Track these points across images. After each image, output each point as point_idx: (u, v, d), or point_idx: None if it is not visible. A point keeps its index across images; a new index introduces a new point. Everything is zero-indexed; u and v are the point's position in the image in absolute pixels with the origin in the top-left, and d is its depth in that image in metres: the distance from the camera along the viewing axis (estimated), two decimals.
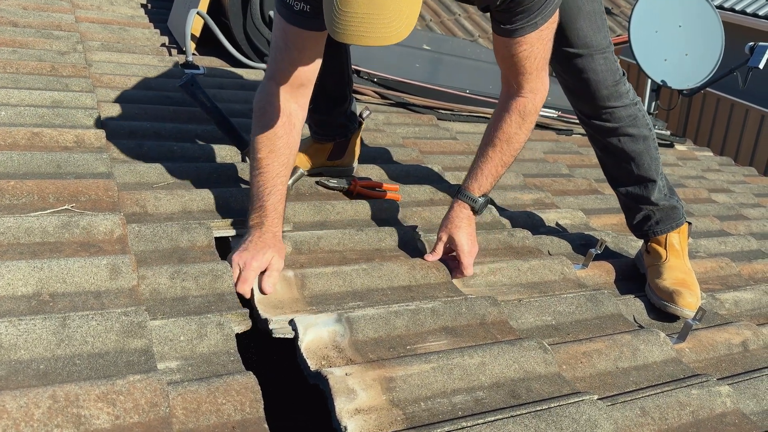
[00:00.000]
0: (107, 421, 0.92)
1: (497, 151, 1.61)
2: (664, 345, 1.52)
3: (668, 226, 1.87)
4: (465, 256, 1.60)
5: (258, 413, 1.05)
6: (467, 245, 1.60)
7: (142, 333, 1.12)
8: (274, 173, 1.50)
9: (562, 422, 1.15)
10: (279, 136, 1.50)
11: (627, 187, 1.90)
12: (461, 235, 1.60)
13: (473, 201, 1.63)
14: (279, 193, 1.50)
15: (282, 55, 1.49)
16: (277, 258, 1.41)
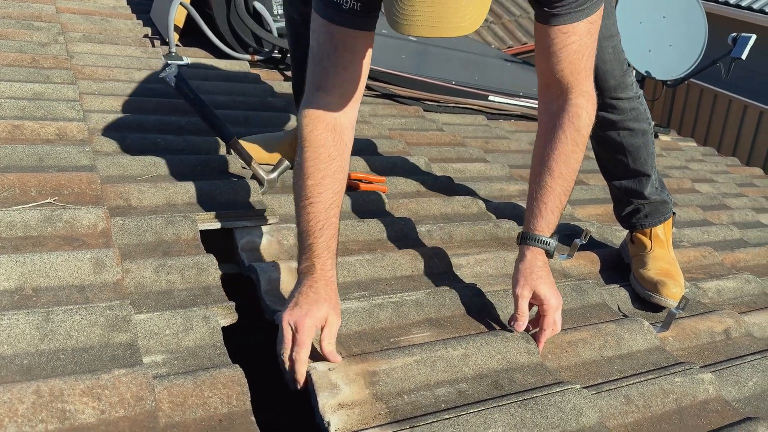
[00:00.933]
0: (92, 415, 0.92)
1: (556, 177, 1.38)
2: (648, 334, 1.53)
3: (656, 219, 1.88)
4: (552, 310, 1.35)
5: (245, 406, 1.05)
6: (554, 298, 1.36)
7: (127, 327, 1.11)
8: (327, 203, 1.25)
9: (547, 411, 1.16)
10: (333, 158, 1.27)
11: (621, 180, 1.88)
12: (544, 287, 1.36)
13: (546, 244, 1.39)
14: (332, 227, 1.25)
15: (331, 61, 1.27)
16: (333, 315, 1.19)
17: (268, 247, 1.59)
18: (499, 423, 1.12)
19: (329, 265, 1.23)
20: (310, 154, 1.26)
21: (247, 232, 1.60)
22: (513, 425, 1.12)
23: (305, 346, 1.13)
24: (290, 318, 1.15)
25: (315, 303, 1.17)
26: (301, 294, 1.19)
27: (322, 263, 1.22)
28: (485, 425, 1.10)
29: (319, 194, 1.25)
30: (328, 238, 1.24)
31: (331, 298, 1.20)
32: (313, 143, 1.27)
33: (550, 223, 1.40)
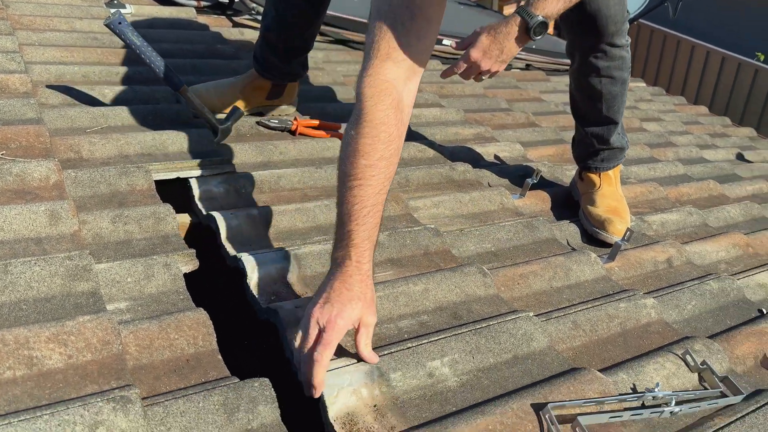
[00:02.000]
0: (60, 360, 0.94)
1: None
2: (595, 265, 1.62)
3: (612, 164, 1.94)
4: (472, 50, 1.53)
5: (211, 346, 1.08)
6: (481, 43, 1.52)
7: (88, 276, 1.12)
8: (378, 188, 1.10)
9: (500, 337, 1.23)
10: (392, 139, 1.12)
11: (591, 126, 1.90)
12: (484, 32, 1.53)
13: (528, 15, 1.45)
14: (377, 215, 1.11)
15: (406, 29, 1.13)
16: (368, 314, 1.08)
17: (226, 196, 1.59)
18: (455, 350, 1.18)
19: (367, 257, 1.09)
20: (369, 130, 1.11)
21: (204, 181, 1.60)
22: (468, 351, 1.19)
23: (331, 347, 1.01)
24: (320, 316, 1.03)
25: (349, 302, 1.04)
26: (333, 290, 1.06)
27: (359, 254, 1.08)
28: (443, 352, 1.16)
29: (371, 177, 1.09)
30: (371, 227, 1.09)
31: (365, 295, 1.07)
32: (374, 120, 1.11)
33: (547, 6, 1.43)
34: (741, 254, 2.00)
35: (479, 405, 1.08)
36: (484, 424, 1.02)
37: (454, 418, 1.03)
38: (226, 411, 0.93)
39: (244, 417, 0.94)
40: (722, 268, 1.90)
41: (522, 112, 2.85)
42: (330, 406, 1.02)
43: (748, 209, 2.39)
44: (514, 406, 1.06)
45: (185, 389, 0.97)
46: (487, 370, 1.18)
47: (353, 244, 1.08)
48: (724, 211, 2.31)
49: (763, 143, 3.81)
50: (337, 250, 1.11)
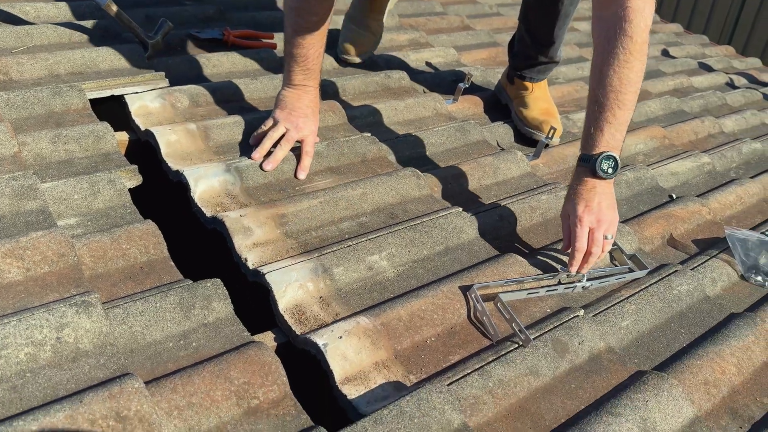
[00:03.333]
0: (19, 273, 1.00)
1: (609, 91, 1.24)
2: (521, 162, 1.74)
3: (547, 74, 1.99)
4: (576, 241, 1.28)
5: (163, 253, 1.15)
6: (579, 213, 1.28)
7: (35, 195, 1.16)
8: (323, 33, 1.45)
9: (432, 231, 1.35)
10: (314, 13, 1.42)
11: (540, 43, 1.89)
12: (570, 204, 1.31)
13: (587, 160, 1.28)
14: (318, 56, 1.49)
15: None
16: (313, 135, 1.50)
17: (162, 111, 1.61)
18: (392, 245, 1.29)
19: (317, 80, 1.51)
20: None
21: (138, 97, 1.61)
22: (404, 245, 1.30)
23: (292, 143, 1.46)
24: (289, 119, 1.47)
25: (313, 116, 1.50)
26: (300, 102, 1.48)
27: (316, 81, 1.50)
28: (381, 248, 1.27)
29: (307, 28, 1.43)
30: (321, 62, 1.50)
31: (315, 114, 1.52)
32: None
33: (598, 142, 1.27)
34: (658, 146, 2.16)
35: (414, 290, 1.20)
36: (417, 305, 1.15)
37: (392, 302, 1.15)
38: (183, 309, 1.02)
39: (200, 313, 1.04)
40: (640, 159, 2.05)
41: (456, 15, 2.87)
42: (279, 299, 1.12)
43: (668, 103, 2.54)
44: (444, 289, 1.19)
45: (142, 293, 1.05)
46: (421, 261, 1.30)
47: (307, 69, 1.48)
48: (645, 106, 2.45)
49: (689, 39, 3.95)
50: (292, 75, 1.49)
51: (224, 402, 0.90)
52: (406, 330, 1.11)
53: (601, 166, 1.27)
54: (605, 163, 1.27)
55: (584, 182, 1.30)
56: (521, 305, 1.24)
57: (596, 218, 1.28)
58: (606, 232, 1.30)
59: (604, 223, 1.29)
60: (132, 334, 0.97)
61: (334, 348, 1.03)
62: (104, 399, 0.81)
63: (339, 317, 1.13)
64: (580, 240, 1.28)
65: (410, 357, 1.08)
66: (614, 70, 1.23)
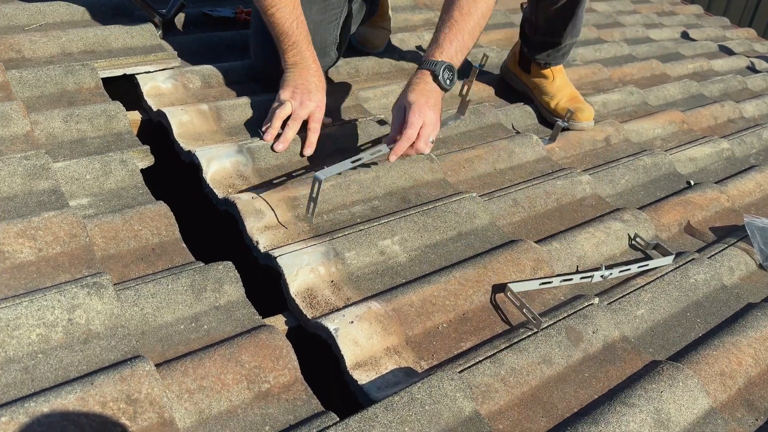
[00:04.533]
0: (31, 254, 1.00)
1: (464, 13, 1.38)
2: (537, 146, 1.71)
3: (567, 57, 1.94)
4: (415, 126, 1.31)
5: (174, 235, 1.15)
6: (425, 115, 1.31)
7: (47, 174, 1.15)
8: (292, 3, 1.40)
9: (446, 216, 1.33)
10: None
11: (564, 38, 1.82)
12: (409, 95, 1.34)
13: (433, 65, 1.36)
14: (305, 24, 1.44)
15: None
16: (319, 110, 1.44)
17: (174, 92, 1.59)
18: (404, 229, 1.28)
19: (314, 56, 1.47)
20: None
21: (150, 77, 1.59)
22: (416, 230, 1.29)
23: (300, 120, 1.40)
24: (293, 97, 1.41)
25: (308, 93, 1.42)
26: (301, 79, 1.43)
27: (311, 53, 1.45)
28: (392, 232, 1.26)
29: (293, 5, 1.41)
30: (307, 33, 1.44)
31: (321, 88, 1.45)
32: None
33: (444, 51, 1.38)
34: (676, 131, 2.12)
35: (426, 276, 1.19)
36: (430, 291, 1.14)
37: (404, 288, 1.14)
38: (194, 291, 1.02)
39: (212, 295, 1.03)
40: (658, 144, 2.02)
41: None
42: (291, 283, 1.12)
43: (686, 87, 2.49)
44: (457, 275, 1.18)
45: (153, 274, 1.04)
46: (433, 246, 1.29)
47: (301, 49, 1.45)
48: (664, 89, 2.41)
49: (709, 21, 3.87)
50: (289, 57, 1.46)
51: (235, 386, 0.90)
52: (417, 316, 1.10)
53: (443, 73, 1.37)
54: (447, 73, 1.37)
55: (425, 82, 1.37)
56: (534, 293, 1.22)
57: (432, 117, 1.33)
58: (431, 135, 1.34)
59: (432, 125, 1.34)
60: (143, 316, 0.97)
61: (345, 333, 1.02)
62: (115, 381, 0.81)
63: (350, 302, 1.12)
64: (413, 127, 1.31)
65: (422, 343, 1.07)
66: (473, 1, 1.38)
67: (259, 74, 1.69)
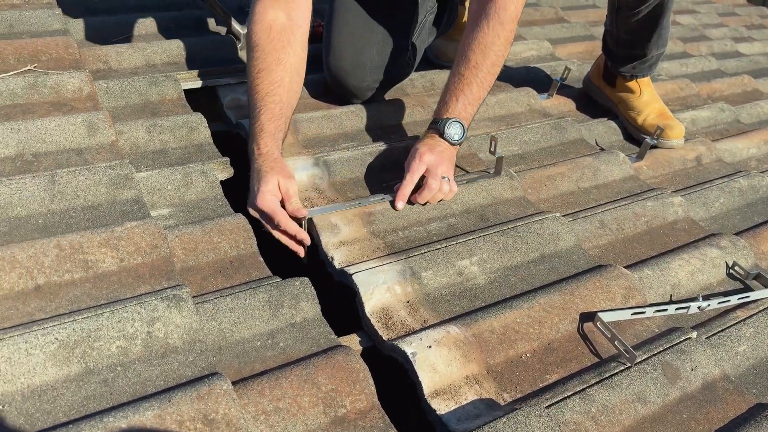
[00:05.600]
0: (113, 263, 1.00)
1: (471, 67, 1.35)
2: (623, 164, 1.62)
3: (655, 68, 1.84)
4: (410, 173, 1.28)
5: (252, 248, 1.13)
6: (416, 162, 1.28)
7: (131, 184, 1.16)
8: (264, 92, 1.30)
9: (527, 237, 1.27)
10: (267, 52, 1.32)
11: (649, 49, 1.73)
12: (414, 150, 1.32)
13: (437, 123, 1.34)
14: (269, 111, 1.28)
15: None
16: (282, 180, 1.21)
17: None
18: (483, 250, 1.22)
19: (268, 142, 1.25)
20: (248, 54, 1.35)
21: (231, 89, 1.61)
22: (496, 251, 1.23)
23: (278, 213, 1.17)
24: (251, 207, 1.20)
25: (264, 181, 1.19)
26: (252, 180, 1.22)
27: (262, 142, 1.25)
28: (471, 252, 1.21)
29: (256, 86, 1.31)
30: (265, 120, 1.27)
31: (274, 168, 1.21)
32: (249, 44, 1.34)
33: (451, 109, 1.34)
34: None
35: (507, 300, 1.13)
36: (512, 317, 1.08)
37: (483, 312, 1.08)
38: (271, 307, 1.00)
39: (288, 312, 1.01)
40: (752, 165, 1.88)
41: (550, 7, 2.74)
42: (366, 302, 1.08)
43: None
44: (541, 301, 1.12)
45: (231, 288, 1.03)
46: (514, 268, 1.22)
47: (255, 138, 1.26)
48: (757, 106, 2.26)
49: None
50: (249, 147, 1.28)
51: (311, 409, 0.86)
52: (499, 343, 1.04)
53: (448, 129, 1.32)
54: (453, 128, 1.33)
55: (432, 138, 1.34)
56: (624, 324, 1.14)
57: (437, 159, 1.29)
58: (445, 174, 1.29)
59: (444, 166, 1.29)
60: (220, 331, 0.95)
61: (423, 358, 0.98)
62: (192, 400, 0.79)
63: (427, 324, 1.07)
64: (413, 173, 1.28)
65: (504, 373, 1.01)
66: (480, 50, 1.34)
67: (332, 87, 1.68)
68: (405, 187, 1.28)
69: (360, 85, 1.60)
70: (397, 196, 1.28)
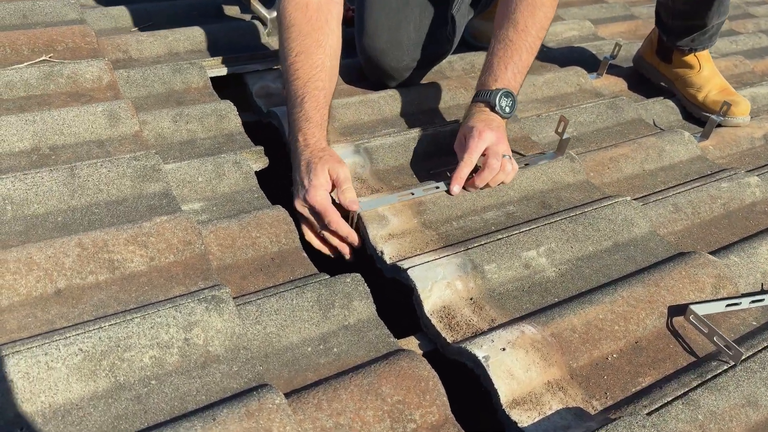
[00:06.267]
0: (142, 263, 0.88)
1: (520, 31, 1.24)
2: (690, 144, 1.48)
3: (716, 39, 1.68)
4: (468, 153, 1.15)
5: (294, 243, 1.01)
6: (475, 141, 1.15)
7: (158, 176, 1.05)
8: (305, 78, 1.17)
9: (598, 224, 1.13)
10: (305, 34, 1.19)
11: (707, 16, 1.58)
12: (466, 126, 1.19)
13: (487, 95, 1.21)
14: (313, 99, 1.15)
15: None
16: (334, 167, 1.07)
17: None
18: (551, 239, 1.09)
19: (314, 132, 1.13)
20: (284, 33, 1.21)
21: (259, 77, 1.50)
22: (565, 240, 1.10)
23: (330, 212, 1.04)
24: (301, 202, 1.06)
25: (315, 174, 1.06)
26: (299, 174, 1.09)
27: (305, 133, 1.13)
28: (537, 242, 1.08)
29: (297, 71, 1.17)
30: (309, 110, 1.14)
31: (323, 158, 1.09)
32: (283, 24, 1.21)
33: (500, 79, 1.22)
34: None
35: (585, 294, 1.00)
36: (593, 313, 0.94)
37: (559, 308, 0.95)
38: (321, 307, 0.88)
39: (340, 313, 0.89)
40: None
41: None
42: (425, 300, 0.96)
43: None
44: (624, 294, 0.98)
45: (275, 287, 0.91)
46: (587, 259, 1.09)
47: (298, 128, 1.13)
48: None
49: None
50: (290, 138, 1.17)
51: (377, 424, 0.74)
52: (582, 343, 0.91)
53: (500, 102, 1.21)
54: (504, 100, 1.21)
55: (482, 112, 1.21)
56: (717, 317, 1.00)
57: (497, 136, 1.17)
58: (504, 152, 1.17)
59: (504, 144, 1.17)
60: (266, 336, 0.83)
61: (497, 362, 0.85)
62: (241, 417, 0.67)
63: (496, 324, 0.94)
64: (472, 152, 1.15)
65: (589, 377, 0.88)
66: (529, 11, 1.25)
67: (367, 71, 1.56)
68: (462, 169, 1.15)
69: (398, 65, 1.48)
70: (453, 179, 1.16)
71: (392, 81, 1.52)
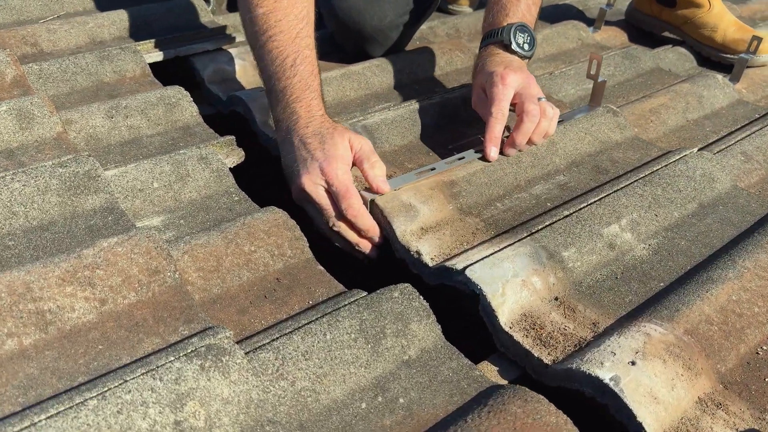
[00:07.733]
0: (89, 310, 0.58)
1: None
2: (726, 88, 1.27)
3: None
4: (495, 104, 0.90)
5: (304, 254, 0.73)
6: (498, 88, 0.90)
7: (96, 186, 0.74)
8: (292, 33, 0.89)
9: (677, 183, 0.90)
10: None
11: None
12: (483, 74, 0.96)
13: (498, 33, 0.99)
14: (308, 61, 0.89)
15: None
16: (356, 138, 0.84)
17: (244, 74, 1.20)
18: (630, 208, 0.84)
19: (318, 104, 0.88)
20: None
21: (210, 58, 1.20)
22: (646, 207, 0.85)
23: (351, 193, 0.79)
24: (310, 180, 0.80)
25: (332, 143, 0.81)
26: (304, 147, 0.82)
27: (306, 105, 0.86)
28: (616, 214, 0.83)
29: (277, 23, 0.88)
30: (307, 75, 0.88)
31: (337, 128, 0.85)
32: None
33: (512, 12, 1.01)
34: None
35: (695, 273, 0.75)
36: (724, 295, 0.70)
37: (676, 295, 0.70)
38: (368, 340, 0.59)
39: (396, 344, 0.61)
40: None
41: None
42: (498, 308, 0.69)
43: None
44: (749, 265, 0.74)
45: (293, 319, 0.62)
46: (677, 228, 0.85)
47: (295, 99, 0.86)
48: None
49: None
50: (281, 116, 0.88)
51: None
52: (724, 337, 0.66)
53: (516, 38, 0.97)
54: (521, 36, 0.98)
55: (497, 54, 0.98)
56: None
57: (525, 77, 0.92)
58: (539, 94, 0.92)
59: (535, 85, 0.93)
60: (298, 396, 0.54)
61: (632, 382, 0.59)
62: None
63: (600, 328, 0.68)
64: (501, 101, 0.90)
65: (747, 382, 0.63)
66: None
67: (341, 39, 1.29)
68: (494, 127, 0.89)
69: (380, 24, 1.21)
70: (487, 141, 0.89)
71: (375, 46, 1.25)
